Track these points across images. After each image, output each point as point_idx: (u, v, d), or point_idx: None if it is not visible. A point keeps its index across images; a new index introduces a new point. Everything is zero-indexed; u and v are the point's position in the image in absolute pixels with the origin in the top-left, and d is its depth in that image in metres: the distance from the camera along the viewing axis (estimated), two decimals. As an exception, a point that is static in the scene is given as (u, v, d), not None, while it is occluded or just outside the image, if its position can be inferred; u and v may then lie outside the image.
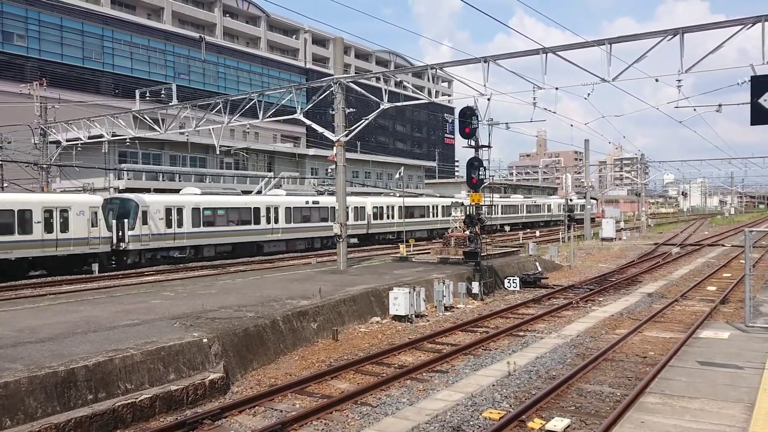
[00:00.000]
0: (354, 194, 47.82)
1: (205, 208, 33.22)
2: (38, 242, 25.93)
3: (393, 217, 48.24)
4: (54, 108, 36.17)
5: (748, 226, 59.74)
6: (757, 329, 12.19)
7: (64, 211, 26.86)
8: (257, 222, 36.30)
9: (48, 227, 26.17)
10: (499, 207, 61.50)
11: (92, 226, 27.72)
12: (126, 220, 29.60)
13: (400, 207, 48.20)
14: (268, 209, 37.07)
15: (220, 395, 10.58)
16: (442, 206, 53.49)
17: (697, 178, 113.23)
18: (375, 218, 45.97)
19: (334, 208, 33.82)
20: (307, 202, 39.99)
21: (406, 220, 48.31)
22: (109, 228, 28.86)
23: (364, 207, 45.47)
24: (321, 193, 45.48)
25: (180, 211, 32.01)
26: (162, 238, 31.00)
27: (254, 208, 36.25)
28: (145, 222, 30.13)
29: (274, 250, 37.83)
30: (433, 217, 53.06)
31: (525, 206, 69.57)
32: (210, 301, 15.69)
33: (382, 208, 46.97)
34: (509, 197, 70.49)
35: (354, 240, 43.89)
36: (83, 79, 56.74)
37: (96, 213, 28.16)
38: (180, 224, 31.86)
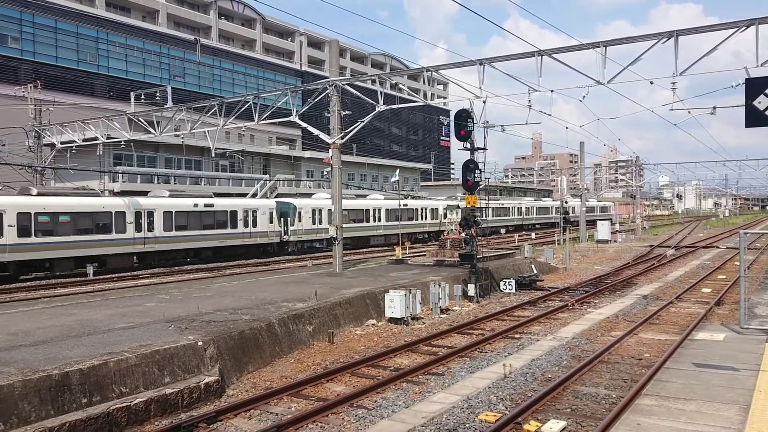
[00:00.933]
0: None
1: (329, 210, 38.98)
2: (241, 234, 35.27)
3: (379, 220, 46.03)
4: (48, 110, 36.08)
5: (742, 228, 59.97)
6: (752, 331, 12.22)
7: (254, 212, 35.97)
8: (367, 220, 45.16)
9: (246, 224, 35.41)
10: (491, 210, 61.35)
11: (270, 223, 37.02)
12: (288, 219, 38.40)
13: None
14: (368, 211, 45.25)
15: (215, 398, 10.54)
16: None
17: (692, 181, 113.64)
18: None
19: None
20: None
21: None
22: (279, 224, 37.81)
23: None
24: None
25: (320, 211, 40.53)
26: (309, 232, 39.97)
27: (365, 209, 45.25)
28: (300, 220, 39.19)
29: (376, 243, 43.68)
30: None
31: (518, 209, 69.76)
32: (205, 304, 15.64)
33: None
34: (499, 200, 70.75)
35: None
36: (78, 82, 56.59)
37: (272, 213, 37.19)
38: (320, 222, 40.40)
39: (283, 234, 37.95)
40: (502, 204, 67.01)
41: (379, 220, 46.43)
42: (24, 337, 11.67)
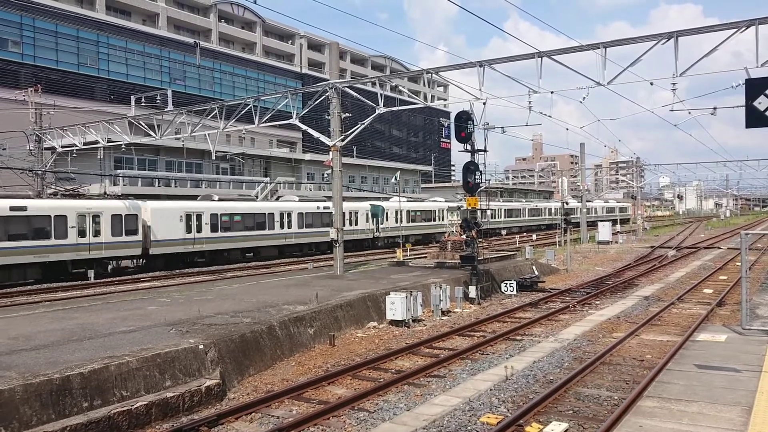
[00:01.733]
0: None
1: (408, 211, 49.32)
2: (348, 231, 38.74)
3: (361, 223, 45.32)
4: (49, 114, 36.09)
5: (743, 228, 59.96)
6: (754, 332, 12.19)
7: (356, 213, 43.55)
8: (433, 219, 52.07)
9: (351, 223, 42.52)
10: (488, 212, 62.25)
11: (366, 222, 44.33)
12: (377, 218, 44.95)
13: (367, 213, 44.57)
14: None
15: (216, 402, 10.53)
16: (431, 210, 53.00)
17: (693, 181, 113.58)
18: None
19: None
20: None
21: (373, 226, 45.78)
22: (371, 223, 44.59)
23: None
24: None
25: (399, 212, 46.72)
26: (395, 230, 45.93)
27: (430, 210, 51.88)
28: (387, 219, 45.85)
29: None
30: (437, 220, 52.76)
31: (522, 210, 69.88)
32: (206, 307, 15.63)
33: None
34: (511, 201, 71.57)
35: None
36: (78, 85, 56.64)
37: (367, 214, 44.41)
38: (400, 221, 46.86)
39: (375, 231, 45.28)
40: (512, 206, 68.70)
41: (443, 219, 54.07)
42: (25, 341, 11.67)
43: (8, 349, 10.96)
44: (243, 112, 26.04)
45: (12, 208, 25.22)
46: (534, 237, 54.52)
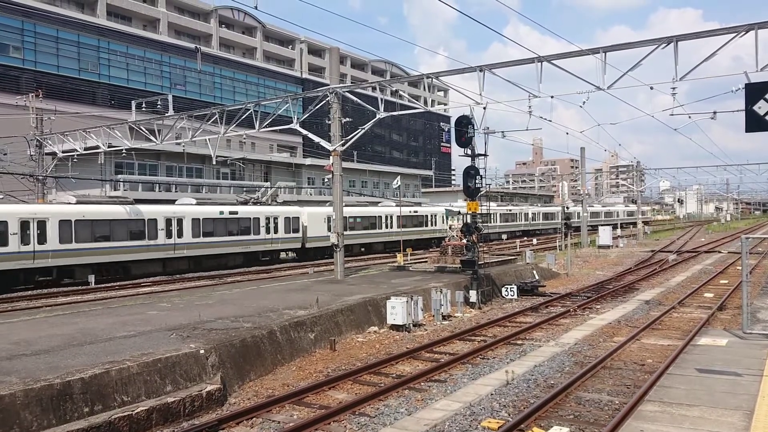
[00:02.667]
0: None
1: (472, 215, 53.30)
2: (429, 230, 51.43)
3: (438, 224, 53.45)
4: (50, 119, 36.17)
5: (744, 232, 59.96)
6: (755, 336, 12.19)
7: (435, 216, 52.50)
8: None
9: (430, 224, 51.26)
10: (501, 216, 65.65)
11: (442, 223, 52.69)
12: (448, 219, 53.37)
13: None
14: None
15: (217, 407, 10.51)
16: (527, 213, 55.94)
17: (693, 185, 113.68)
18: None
19: (427, 215, 50.41)
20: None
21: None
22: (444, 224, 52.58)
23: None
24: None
25: (466, 215, 49.07)
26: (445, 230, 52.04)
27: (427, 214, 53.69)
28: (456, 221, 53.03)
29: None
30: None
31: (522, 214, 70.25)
32: (207, 312, 15.63)
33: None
34: (520, 206, 73.41)
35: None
36: (79, 91, 56.79)
37: (444, 216, 53.17)
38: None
39: (446, 231, 51.60)
40: (519, 210, 71.54)
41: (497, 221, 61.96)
42: (26, 346, 11.66)
43: (9, 354, 10.95)
44: (243, 116, 26.09)
45: (230, 213, 35.17)
46: (535, 241, 54.54)
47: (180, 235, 32.08)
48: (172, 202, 36.65)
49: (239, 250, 35.47)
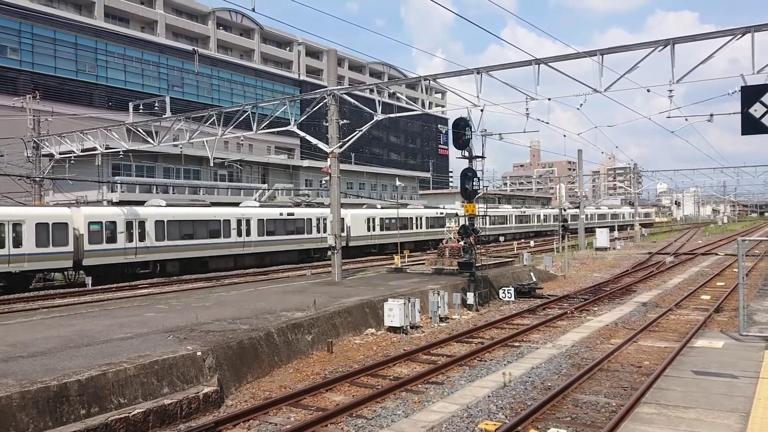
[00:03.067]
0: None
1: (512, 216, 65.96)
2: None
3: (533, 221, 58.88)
4: (47, 121, 36.11)
5: (740, 234, 60.09)
6: (751, 338, 12.21)
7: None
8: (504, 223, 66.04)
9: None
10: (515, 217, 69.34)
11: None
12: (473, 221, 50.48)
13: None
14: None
15: (214, 409, 10.50)
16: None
17: (690, 188, 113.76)
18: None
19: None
20: None
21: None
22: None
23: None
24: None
25: (505, 217, 62.85)
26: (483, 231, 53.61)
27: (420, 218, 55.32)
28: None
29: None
30: (417, 228, 51.15)
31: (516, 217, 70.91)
32: (204, 314, 15.62)
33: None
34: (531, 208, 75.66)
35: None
36: (76, 92, 56.72)
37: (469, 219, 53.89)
38: (503, 222, 62.77)
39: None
40: (532, 212, 74.92)
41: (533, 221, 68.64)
42: (22, 348, 11.64)
43: (5, 356, 10.93)
44: (241, 118, 26.08)
45: (288, 214, 38.83)
46: (532, 243, 54.59)
47: (248, 233, 35.96)
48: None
49: (295, 247, 39.48)
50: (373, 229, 45.61)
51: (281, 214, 38.28)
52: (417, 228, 50.96)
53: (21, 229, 25.52)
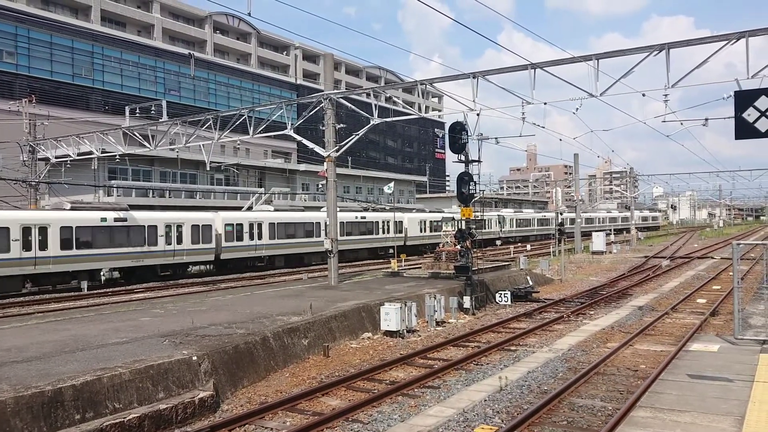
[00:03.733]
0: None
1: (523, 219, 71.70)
2: (485, 231, 57.12)
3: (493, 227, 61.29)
4: (43, 125, 36.08)
5: (736, 238, 60.21)
6: (746, 341, 12.24)
7: (490, 220, 59.27)
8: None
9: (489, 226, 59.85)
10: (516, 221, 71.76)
11: (496, 226, 61.77)
12: (501, 223, 63.03)
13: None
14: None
15: (209, 413, 10.48)
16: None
17: (686, 191, 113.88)
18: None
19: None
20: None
21: (426, 233, 51.97)
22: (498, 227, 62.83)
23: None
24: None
25: (522, 221, 70.07)
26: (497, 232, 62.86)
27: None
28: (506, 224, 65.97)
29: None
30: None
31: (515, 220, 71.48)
32: (200, 318, 15.59)
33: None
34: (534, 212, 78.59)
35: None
36: (73, 96, 56.64)
37: (496, 220, 62.05)
38: (516, 225, 68.35)
39: (499, 233, 63.06)
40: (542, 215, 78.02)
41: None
42: (17, 353, 11.60)
43: (0, 361, 10.89)
44: (238, 122, 26.08)
45: (361, 218, 45.00)
46: (528, 247, 54.65)
47: (422, 231, 49.49)
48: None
49: (366, 246, 45.88)
50: (425, 231, 52.48)
51: (356, 217, 44.78)
52: (503, 227, 64.26)
53: (182, 230, 32.36)
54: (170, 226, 31.86)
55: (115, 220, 29.45)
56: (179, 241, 32.20)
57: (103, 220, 28.91)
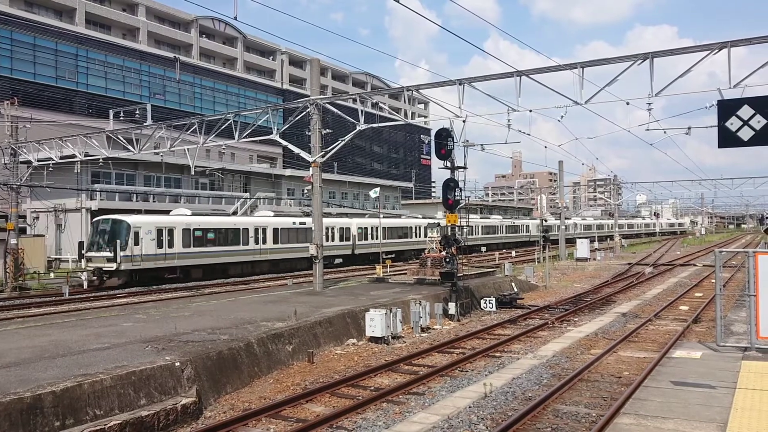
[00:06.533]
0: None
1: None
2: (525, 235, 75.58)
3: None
4: (25, 127, 35.57)
5: (718, 246, 60.83)
6: (729, 348, 12.33)
7: (521, 226, 74.14)
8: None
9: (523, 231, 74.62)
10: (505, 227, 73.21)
11: (525, 231, 72.35)
12: (527, 226, 72.98)
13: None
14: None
15: (192, 420, 10.35)
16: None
17: (669, 199, 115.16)
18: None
19: (520, 225, 67.20)
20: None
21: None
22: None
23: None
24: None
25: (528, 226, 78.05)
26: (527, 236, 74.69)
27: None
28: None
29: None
30: (475, 234, 61.67)
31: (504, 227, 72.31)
32: (183, 324, 15.43)
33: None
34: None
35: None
36: (56, 99, 56.10)
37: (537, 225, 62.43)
38: (525, 230, 77.04)
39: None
40: (522, 222, 79.17)
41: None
42: (-5, 359, 11.39)
43: (-22, 367, 10.69)
44: (223, 127, 25.94)
45: (300, 223, 43.26)
46: (513, 254, 54.88)
47: (375, 237, 49.56)
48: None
49: (402, 248, 51.38)
50: (375, 239, 53.15)
51: (293, 223, 44.52)
52: (474, 234, 63.50)
53: (330, 233, 42.88)
54: (329, 228, 42.91)
55: (300, 224, 41.78)
56: (331, 239, 43.40)
57: (293, 223, 41.62)
